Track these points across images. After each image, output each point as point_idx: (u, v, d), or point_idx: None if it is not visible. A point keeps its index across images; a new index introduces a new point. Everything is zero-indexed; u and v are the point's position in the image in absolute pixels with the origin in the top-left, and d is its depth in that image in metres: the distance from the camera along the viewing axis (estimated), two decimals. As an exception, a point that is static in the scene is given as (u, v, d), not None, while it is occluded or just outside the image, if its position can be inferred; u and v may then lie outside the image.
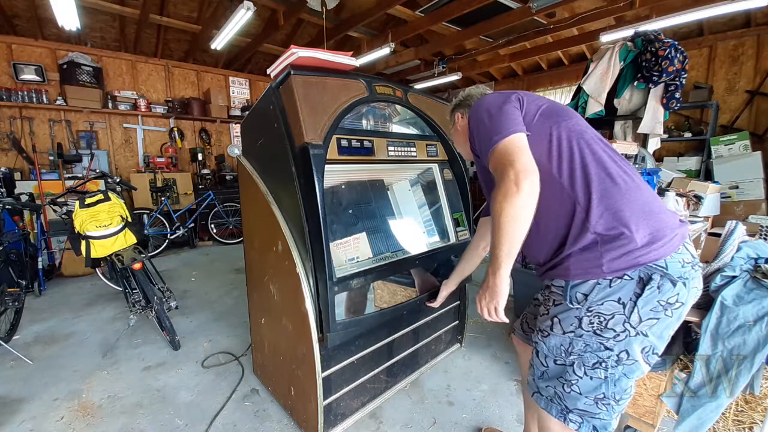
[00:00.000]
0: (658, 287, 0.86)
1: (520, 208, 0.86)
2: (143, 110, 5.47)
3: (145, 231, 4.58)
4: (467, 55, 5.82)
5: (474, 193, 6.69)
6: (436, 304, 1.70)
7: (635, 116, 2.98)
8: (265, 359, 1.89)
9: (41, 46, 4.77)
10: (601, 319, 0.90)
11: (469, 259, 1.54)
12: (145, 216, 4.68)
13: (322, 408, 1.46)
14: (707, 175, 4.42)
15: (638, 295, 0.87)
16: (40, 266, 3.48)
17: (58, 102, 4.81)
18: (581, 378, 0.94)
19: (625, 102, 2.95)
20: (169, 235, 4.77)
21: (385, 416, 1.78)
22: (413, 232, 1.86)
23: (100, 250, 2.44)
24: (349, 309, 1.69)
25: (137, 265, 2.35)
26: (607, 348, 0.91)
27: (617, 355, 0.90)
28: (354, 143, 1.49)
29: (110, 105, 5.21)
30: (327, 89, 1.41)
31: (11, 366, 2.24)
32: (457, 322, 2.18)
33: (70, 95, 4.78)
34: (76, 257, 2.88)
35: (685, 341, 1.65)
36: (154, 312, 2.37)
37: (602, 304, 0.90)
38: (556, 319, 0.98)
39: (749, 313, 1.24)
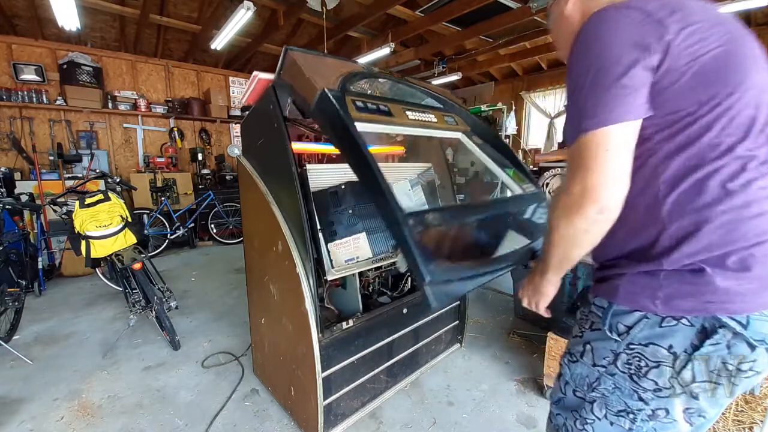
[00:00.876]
0: (728, 346, 0.65)
1: (581, 232, 0.70)
2: (143, 110, 5.47)
3: (145, 231, 4.57)
4: (467, 55, 5.82)
5: (474, 193, 6.59)
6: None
7: (635, 116, 2.98)
8: (265, 359, 1.89)
9: (41, 46, 4.77)
10: (643, 363, 0.72)
11: None
12: (145, 216, 4.68)
13: (322, 408, 1.46)
14: (707, 175, 4.41)
15: (695, 348, 0.67)
16: (40, 266, 3.48)
17: (58, 102, 4.81)
18: (599, 420, 0.80)
19: (625, 102, 2.95)
20: (169, 235, 4.77)
21: (385, 416, 1.78)
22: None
23: (100, 250, 2.44)
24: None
25: (137, 265, 2.35)
26: (641, 399, 0.73)
27: (652, 411, 0.72)
28: (370, 105, 1.36)
29: (110, 105, 5.20)
30: (327, 64, 1.41)
31: (11, 366, 2.24)
32: (457, 322, 2.18)
33: (70, 95, 4.78)
34: (76, 257, 2.88)
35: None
36: (154, 312, 2.37)
37: (647, 345, 0.71)
38: (588, 346, 0.82)
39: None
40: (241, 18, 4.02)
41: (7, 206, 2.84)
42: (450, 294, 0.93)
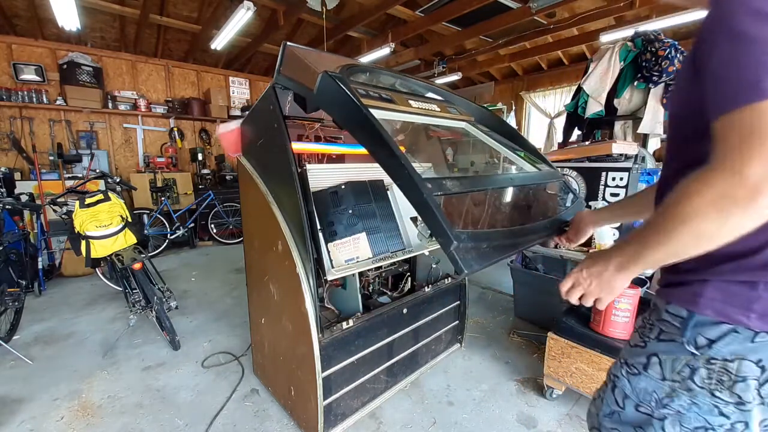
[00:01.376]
0: None
1: (735, 229, 0.53)
2: (143, 110, 5.47)
3: (145, 231, 4.58)
4: (467, 55, 5.83)
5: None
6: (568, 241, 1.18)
7: (635, 116, 2.99)
8: (265, 359, 1.89)
9: (41, 46, 4.77)
10: (726, 378, 0.66)
11: (637, 202, 1.03)
12: (145, 216, 4.68)
13: (322, 408, 1.46)
14: (707, 175, 4.41)
15: None
16: (40, 266, 3.48)
17: (58, 102, 4.81)
18: None
19: (625, 102, 2.96)
20: (169, 235, 4.77)
21: (385, 416, 1.78)
22: (414, 231, 1.86)
23: (100, 250, 2.44)
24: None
25: (137, 265, 2.35)
26: (722, 414, 0.68)
27: (731, 425, 0.68)
28: (372, 92, 1.32)
29: (110, 105, 5.21)
30: (327, 58, 1.44)
31: (11, 366, 2.24)
32: (457, 322, 2.18)
33: (70, 95, 4.78)
34: (76, 257, 2.88)
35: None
36: (154, 312, 2.37)
37: (733, 361, 0.65)
38: (655, 359, 0.74)
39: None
40: (241, 18, 4.02)
41: (7, 206, 2.84)
42: (480, 260, 0.87)
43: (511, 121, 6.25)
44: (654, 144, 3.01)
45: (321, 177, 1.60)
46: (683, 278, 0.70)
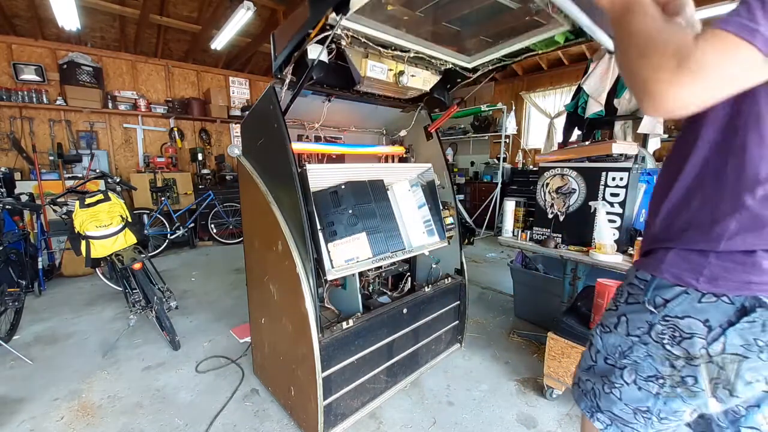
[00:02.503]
0: (763, 325, 0.69)
1: (659, 79, 0.59)
2: (143, 110, 5.47)
3: (145, 231, 4.58)
4: (467, 55, 5.82)
5: (474, 193, 6.63)
6: None
7: (635, 116, 2.99)
8: (265, 359, 1.89)
9: (41, 46, 4.77)
10: (677, 333, 0.76)
11: None
12: (145, 216, 4.68)
13: (322, 408, 1.46)
14: (707, 175, 4.41)
15: (731, 324, 0.71)
16: (40, 266, 3.48)
17: (58, 102, 4.81)
18: (627, 385, 0.85)
19: (625, 102, 2.96)
20: (169, 235, 4.77)
21: (385, 416, 1.78)
22: (414, 231, 1.86)
23: (100, 250, 2.44)
24: None
25: (137, 265, 2.35)
26: (672, 366, 0.78)
27: (681, 378, 0.77)
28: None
29: (110, 105, 5.21)
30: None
31: (11, 366, 2.24)
32: (457, 322, 2.18)
33: (70, 95, 4.78)
34: (76, 257, 2.87)
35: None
36: (154, 312, 2.37)
37: (683, 318, 0.75)
38: (624, 318, 0.86)
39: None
40: (241, 18, 4.03)
41: (7, 206, 2.84)
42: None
43: (511, 121, 6.26)
44: (654, 144, 3.01)
45: (321, 177, 1.60)
46: (653, 247, 0.82)
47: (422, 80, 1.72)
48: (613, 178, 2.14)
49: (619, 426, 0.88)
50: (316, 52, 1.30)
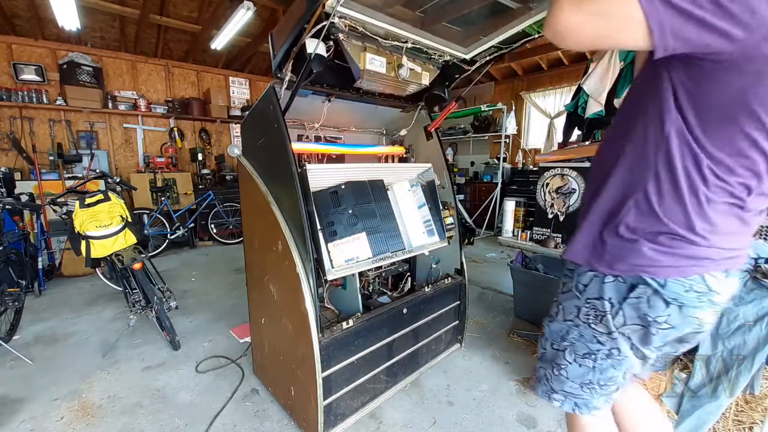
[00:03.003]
0: (648, 300, 0.82)
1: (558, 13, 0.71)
2: (143, 110, 5.47)
3: (145, 231, 4.58)
4: (467, 55, 5.82)
5: (474, 193, 6.62)
6: None
7: (635, 116, 2.98)
8: (265, 359, 1.89)
9: (41, 46, 4.77)
10: (597, 313, 0.91)
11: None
12: (145, 216, 4.68)
13: (322, 408, 1.46)
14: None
15: (624, 299, 0.86)
16: (40, 266, 3.48)
17: (58, 102, 4.81)
18: (570, 364, 0.99)
19: (625, 102, 2.95)
20: (169, 235, 4.77)
21: (385, 416, 1.78)
22: (414, 231, 1.86)
23: (100, 250, 2.44)
24: None
25: (137, 265, 2.35)
26: (599, 342, 0.93)
27: (608, 350, 0.92)
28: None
29: (110, 105, 5.21)
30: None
31: (11, 366, 2.24)
32: (457, 322, 2.18)
33: (70, 95, 4.78)
34: (76, 257, 2.87)
35: (685, 341, 1.65)
36: (154, 312, 2.37)
37: (598, 299, 0.90)
38: (561, 306, 1.01)
39: (749, 313, 1.24)
40: (241, 18, 4.03)
41: (7, 206, 2.84)
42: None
43: (511, 121, 6.26)
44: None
45: (321, 177, 1.60)
46: (573, 235, 0.94)
47: (421, 74, 1.73)
48: (613, 178, 2.14)
49: (572, 400, 1.02)
50: (313, 44, 1.30)
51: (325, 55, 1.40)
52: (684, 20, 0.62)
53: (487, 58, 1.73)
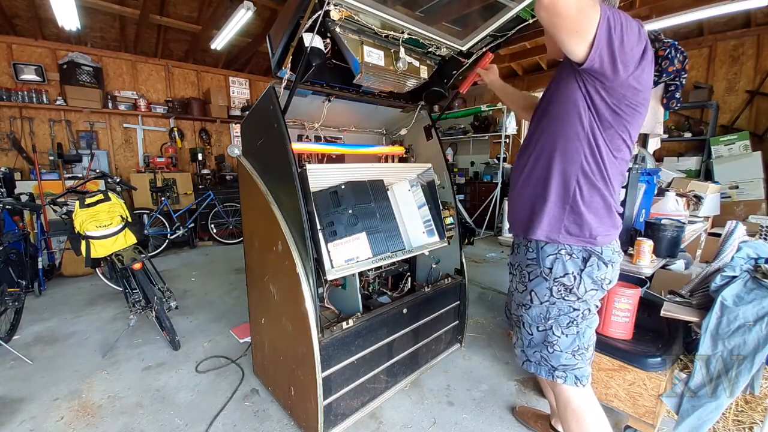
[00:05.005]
0: (597, 266, 1.10)
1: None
2: (143, 110, 5.47)
3: (145, 231, 4.58)
4: (467, 55, 5.82)
5: (474, 193, 6.63)
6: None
7: (635, 116, 2.98)
8: (265, 359, 1.89)
9: (41, 46, 4.77)
10: (564, 287, 1.12)
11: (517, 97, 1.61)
12: (145, 216, 4.68)
13: (322, 408, 1.46)
14: (707, 175, 4.42)
15: (582, 270, 1.11)
16: (40, 266, 3.48)
17: (58, 102, 4.81)
18: (559, 337, 1.16)
19: (625, 102, 2.95)
20: (169, 235, 4.77)
21: (385, 416, 1.78)
22: (414, 231, 1.86)
23: (100, 250, 2.44)
24: None
25: (137, 265, 2.35)
26: (575, 309, 1.14)
27: (582, 313, 1.14)
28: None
29: (110, 105, 5.21)
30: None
31: (11, 366, 2.24)
32: (457, 322, 2.18)
33: (70, 95, 4.78)
34: (76, 257, 2.88)
35: (685, 341, 1.65)
36: (154, 312, 2.37)
37: (564, 276, 1.12)
38: (533, 292, 1.18)
39: (749, 313, 1.24)
40: (241, 18, 4.03)
41: (7, 206, 2.84)
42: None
43: (511, 121, 6.25)
44: (654, 144, 3.00)
45: (321, 177, 1.60)
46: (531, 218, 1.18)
47: (419, 68, 1.73)
48: (613, 178, 2.14)
49: (572, 373, 1.17)
50: (310, 37, 1.31)
51: (323, 49, 1.40)
52: (608, 50, 0.91)
53: (484, 49, 1.73)
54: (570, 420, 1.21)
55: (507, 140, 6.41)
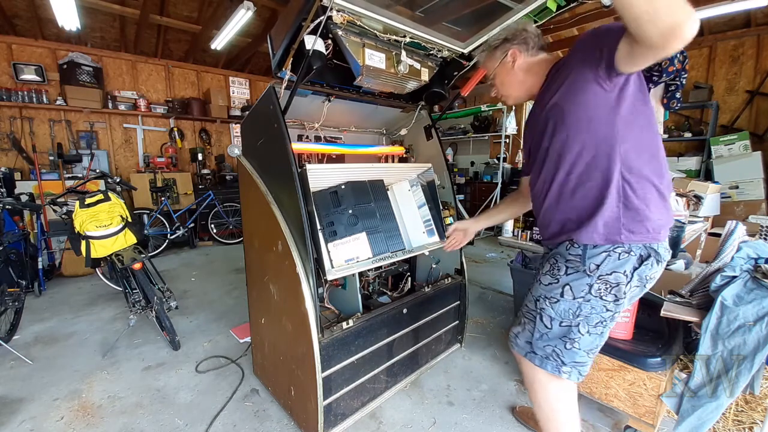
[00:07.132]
0: (651, 265, 1.08)
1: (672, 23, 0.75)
2: (143, 110, 5.47)
3: (145, 231, 4.58)
4: (467, 55, 5.82)
5: (474, 193, 6.62)
6: (447, 246, 1.80)
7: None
8: (265, 359, 1.89)
9: (41, 46, 4.77)
10: (607, 286, 1.09)
11: (506, 208, 1.64)
12: (145, 216, 4.68)
13: (322, 408, 1.46)
14: (707, 175, 4.42)
15: (635, 269, 1.07)
16: (40, 266, 3.48)
17: (58, 102, 4.81)
18: (583, 336, 1.14)
19: (625, 102, 2.95)
20: (169, 235, 4.77)
21: (385, 416, 1.78)
22: (414, 231, 1.86)
23: (100, 250, 2.44)
24: None
25: (137, 265, 2.34)
26: (608, 310, 1.11)
27: (613, 315, 1.12)
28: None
29: (110, 105, 5.21)
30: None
31: (11, 366, 2.24)
32: (457, 322, 2.18)
33: (70, 95, 4.78)
34: (76, 257, 2.88)
35: (685, 341, 1.65)
36: (154, 312, 2.37)
37: (611, 274, 1.07)
38: (567, 287, 1.14)
39: (749, 313, 1.24)
40: (241, 18, 4.02)
41: (7, 206, 2.84)
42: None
43: (511, 121, 6.25)
44: (654, 144, 3.01)
45: (321, 177, 1.60)
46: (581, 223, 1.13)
47: (420, 71, 1.72)
48: (613, 178, 2.14)
49: (578, 369, 1.17)
50: (312, 40, 1.30)
51: (325, 51, 1.40)
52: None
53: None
54: (539, 398, 1.28)
55: (507, 140, 6.41)
